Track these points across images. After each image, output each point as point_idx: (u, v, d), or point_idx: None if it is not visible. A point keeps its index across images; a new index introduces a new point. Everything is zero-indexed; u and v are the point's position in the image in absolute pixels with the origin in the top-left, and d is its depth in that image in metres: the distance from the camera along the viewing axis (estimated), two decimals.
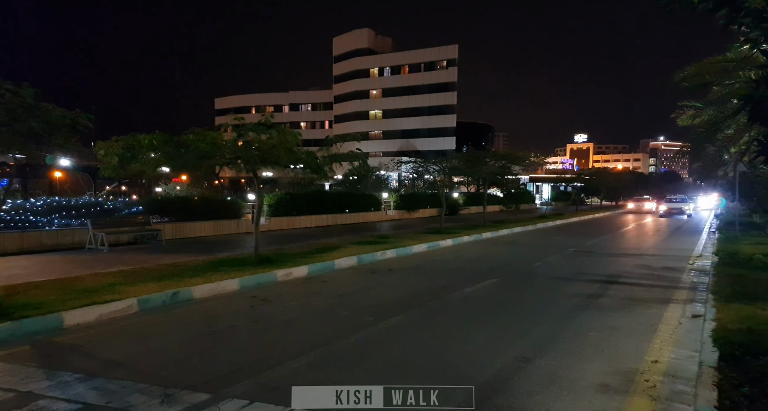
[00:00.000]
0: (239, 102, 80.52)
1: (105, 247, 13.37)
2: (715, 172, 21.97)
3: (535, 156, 32.94)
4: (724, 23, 2.91)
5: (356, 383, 3.54)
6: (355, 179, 32.97)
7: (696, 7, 2.97)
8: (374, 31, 73.31)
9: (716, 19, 2.93)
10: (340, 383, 3.81)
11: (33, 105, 6.18)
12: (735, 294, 7.36)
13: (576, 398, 3.93)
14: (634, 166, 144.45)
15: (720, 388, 3.84)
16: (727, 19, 2.87)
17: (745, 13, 2.72)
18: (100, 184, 29.82)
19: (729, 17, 2.85)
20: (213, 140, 9.89)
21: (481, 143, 68.19)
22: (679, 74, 10.95)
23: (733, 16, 2.82)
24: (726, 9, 2.82)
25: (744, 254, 11.66)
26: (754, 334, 5.25)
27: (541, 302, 7.67)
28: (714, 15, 2.94)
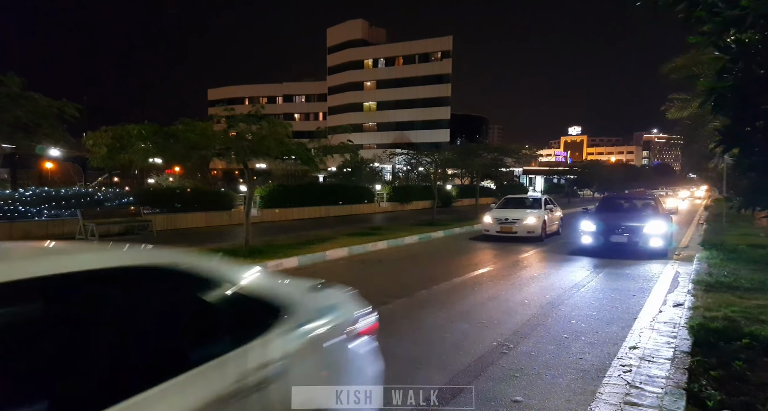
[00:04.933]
0: (233, 93, 79.90)
1: (95, 238, 13.35)
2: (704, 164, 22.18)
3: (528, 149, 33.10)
4: (683, 17, 2.99)
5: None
6: (348, 171, 32.99)
7: (657, 1, 3.05)
8: (368, 21, 72.86)
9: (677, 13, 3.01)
10: None
11: (19, 94, 6.15)
12: (716, 283, 7.51)
13: (555, 381, 4.04)
14: (628, 158, 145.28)
15: (691, 372, 3.96)
16: (686, 13, 2.95)
17: (701, 7, 2.79)
18: (91, 175, 29.61)
19: (687, 11, 2.93)
20: (202, 131, 9.88)
21: (475, 136, 68.23)
22: (667, 66, 11.06)
23: (692, 10, 2.90)
24: (685, 3, 2.90)
25: (729, 245, 11.85)
26: (730, 321, 5.38)
27: (527, 291, 7.79)
28: (674, 9, 3.01)
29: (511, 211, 14.90)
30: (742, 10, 2.51)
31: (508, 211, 14.93)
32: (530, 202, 15.89)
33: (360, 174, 32.48)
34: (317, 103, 78.79)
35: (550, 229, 15.00)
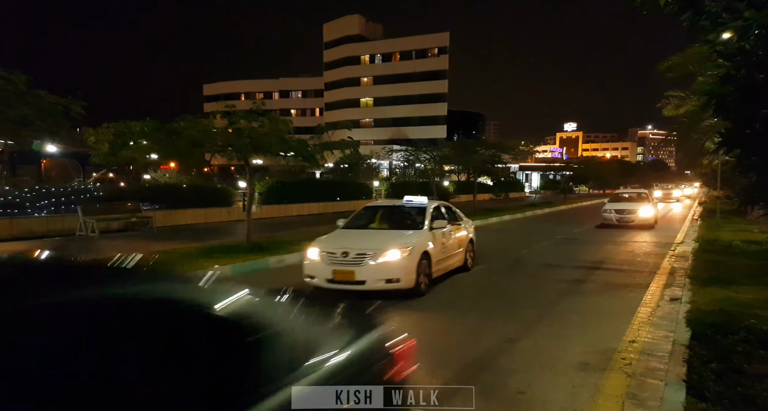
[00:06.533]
0: (229, 88, 79.51)
1: (96, 234, 13.38)
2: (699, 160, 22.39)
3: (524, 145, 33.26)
4: (688, 25, 3.10)
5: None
6: (346, 167, 33.06)
7: (663, 9, 3.16)
8: (365, 17, 72.60)
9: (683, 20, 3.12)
10: None
11: (26, 92, 6.20)
12: (712, 278, 7.67)
13: (557, 375, 4.17)
14: (623, 154, 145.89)
15: (690, 364, 4.09)
16: (691, 21, 3.06)
17: (706, 16, 2.91)
18: (88, 171, 29.53)
19: (692, 19, 3.04)
20: (205, 128, 9.94)
21: (472, 132, 68.30)
22: (664, 64, 11.16)
23: (696, 19, 3.01)
24: (690, 11, 3.01)
25: (723, 241, 12.05)
26: (726, 315, 5.53)
27: (527, 287, 7.92)
28: (680, 17, 3.12)
29: (360, 237, 7.61)
30: (746, 21, 2.63)
31: (355, 237, 7.60)
32: (405, 216, 8.33)
33: (357, 170, 32.57)
34: (314, 99, 78.56)
35: (438, 269, 7.61)
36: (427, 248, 7.27)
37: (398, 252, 6.78)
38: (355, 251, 6.81)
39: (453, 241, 8.37)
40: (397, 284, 6.70)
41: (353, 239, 7.41)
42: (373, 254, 6.73)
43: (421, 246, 7.17)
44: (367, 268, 6.68)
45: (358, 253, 6.77)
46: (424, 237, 7.43)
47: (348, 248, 6.89)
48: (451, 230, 8.37)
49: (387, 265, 6.71)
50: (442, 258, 7.76)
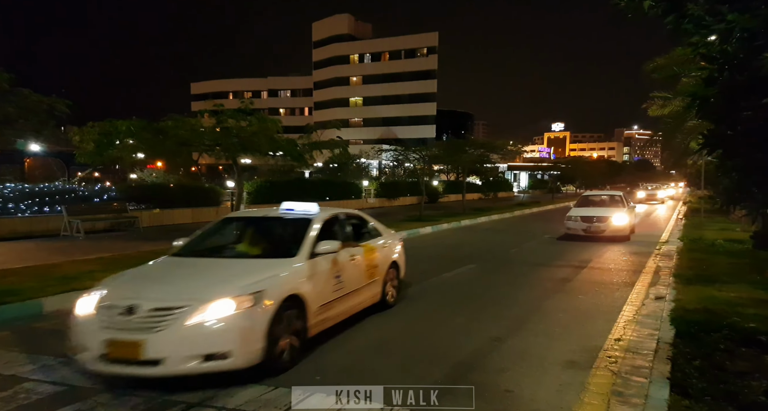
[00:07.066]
0: (216, 87, 78.86)
1: (81, 234, 13.19)
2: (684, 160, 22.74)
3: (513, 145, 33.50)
4: (671, 28, 3.16)
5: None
6: (335, 167, 32.99)
7: (647, 13, 3.22)
8: (354, 16, 72.49)
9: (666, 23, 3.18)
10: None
11: (8, 91, 6.09)
12: (696, 277, 7.80)
13: (544, 373, 4.21)
14: (609, 154, 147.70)
15: (674, 362, 4.16)
16: (674, 24, 3.12)
17: (689, 20, 2.97)
18: (73, 170, 29.10)
19: (676, 22, 3.10)
20: (192, 127, 9.87)
21: (461, 131, 68.64)
22: (649, 65, 11.32)
23: (680, 22, 3.07)
24: (674, 15, 3.07)
25: (707, 240, 12.25)
26: (709, 313, 5.63)
27: (516, 286, 7.98)
28: (663, 20, 3.18)
29: (174, 274, 4.68)
30: (728, 24, 2.68)
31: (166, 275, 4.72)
32: (280, 235, 5.82)
33: (347, 170, 32.52)
34: (303, 98, 78.23)
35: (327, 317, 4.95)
36: (299, 290, 4.46)
37: (229, 303, 3.89)
38: (149, 304, 3.84)
39: (358, 269, 5.64)
40: (223, 362, 3.77)
41: (159, 279, 4.56)
42: (183, 309, 3.80)
43: (284, 287, 4.35)
44: (169, 336, 3.72)
45: (155, 308, 3.81)
46: (292, 271, 4.63)
47: (138, 298, 3.91)
48: (354, 254, 5.60)
49: (205, 329, 3.77)
50: (334, 299, 5.02)
